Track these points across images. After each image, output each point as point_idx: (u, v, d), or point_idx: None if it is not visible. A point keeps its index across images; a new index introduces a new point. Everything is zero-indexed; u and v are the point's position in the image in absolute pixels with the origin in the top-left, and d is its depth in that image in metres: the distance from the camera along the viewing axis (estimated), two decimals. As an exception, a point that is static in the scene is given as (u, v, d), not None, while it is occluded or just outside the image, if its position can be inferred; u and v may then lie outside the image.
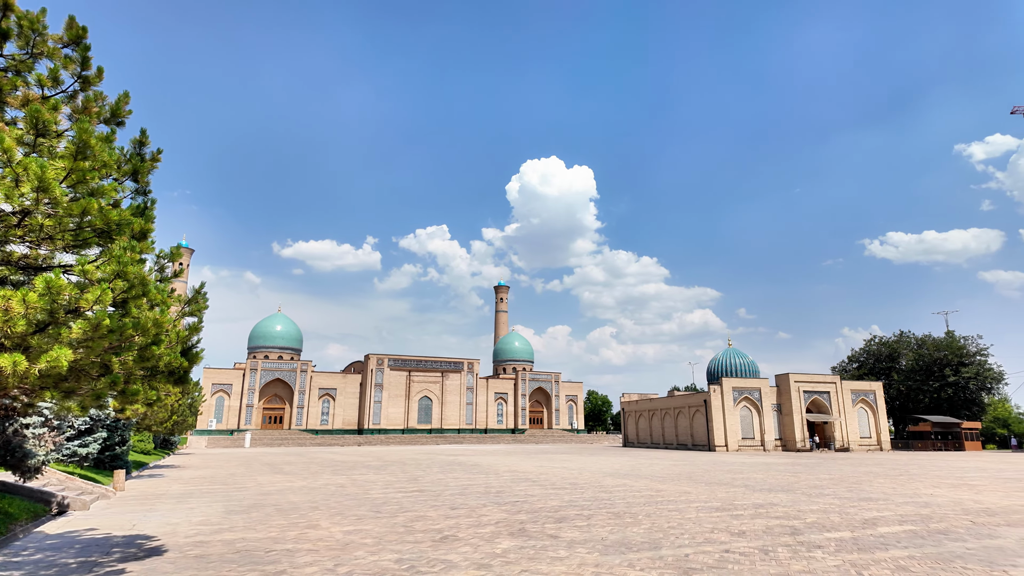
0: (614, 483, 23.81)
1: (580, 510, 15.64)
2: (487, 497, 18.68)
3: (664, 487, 22.25)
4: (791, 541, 11.41)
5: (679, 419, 70.49)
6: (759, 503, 17.44)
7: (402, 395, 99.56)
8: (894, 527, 13.10)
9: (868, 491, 20.85)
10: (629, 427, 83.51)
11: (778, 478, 26.60)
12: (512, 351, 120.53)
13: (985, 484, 23.64)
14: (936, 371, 77.19)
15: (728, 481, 24.88)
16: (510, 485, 22.73)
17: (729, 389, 63.34)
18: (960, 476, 27.58)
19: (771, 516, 14.75)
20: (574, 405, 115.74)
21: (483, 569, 8.94)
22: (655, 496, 19.16)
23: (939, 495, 19.58)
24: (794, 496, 19.34)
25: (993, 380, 75.63)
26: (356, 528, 12.65)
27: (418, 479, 25.46)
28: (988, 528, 13.02)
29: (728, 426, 62.24)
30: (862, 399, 67.04)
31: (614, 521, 13.77)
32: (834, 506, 16.76)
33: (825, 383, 66.08)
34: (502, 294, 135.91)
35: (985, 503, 17.47)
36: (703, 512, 15.43)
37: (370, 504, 16.79)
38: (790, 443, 63.07)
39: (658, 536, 11.88)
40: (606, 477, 26.75)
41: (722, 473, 29.41)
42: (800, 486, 22.79)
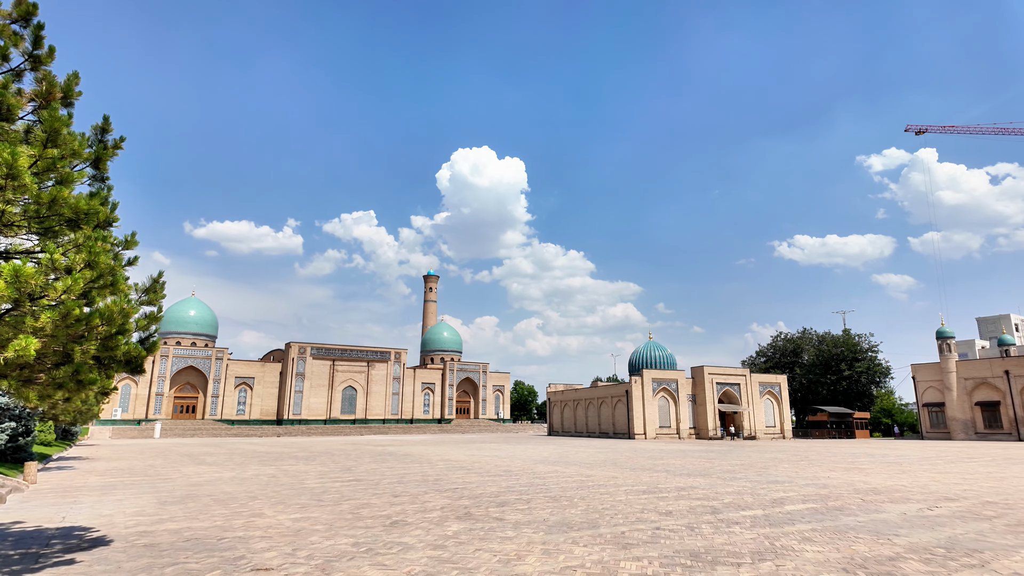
0: (546, 470, 24.82)
1: (519, 495, 16.40)
2: (426, 485, 19.11)
3: (593, 472, 23.47)
4: (712, 519, 12.62)
5: (602, 409, 73.19)
6: (681, 486, 18.87)
7: (325, 385, 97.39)
8: (799, 505, 14.68)
9: (775, 475, 22.91)
10: (554, 416, 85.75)
11: (695, 464, 28.57)
12: (441, 341, 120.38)
13: (872, 468, 26.45)
14: (833, 366, 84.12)
15: (650, 467, 26.50)
16: (446, 473, 23.24)
17: (649, 380, 66.42)
18: (851, 461, 30.59)
19: (692, 498, 16.08)
20: (501, 395, 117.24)
21: (439, 549, 9.45)
22: (586, 481, 20.25)
23: (835, 477, 21.83)
24: (711, 480, 20.99)
25: (881, 374, 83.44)
26: (303, 516, 12.80)
27: (352, 469, 25.47)
28: (875, 505, 14.84)
29: (647, 415, 65.32)
30: (768, 391, 72.11)
31: (552, 504, 14.62)
32: (746, 488, 18.41)
33: (736, 375, 70.54)
34: (431, 283, 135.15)
35: (872, 484, 19.70)
36: (632, 495, 16.58)
37: (310, 493, 16.84)
38: (703, 431, 67.00)
39: (595, 516, 12.79)
40: (537, 464, 27.78)
41: (644, 459, 31.19)
42: (715, 471, 24.65)
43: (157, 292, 8.79)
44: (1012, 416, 63.03)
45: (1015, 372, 63.35)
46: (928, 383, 70.24)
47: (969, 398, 66.64)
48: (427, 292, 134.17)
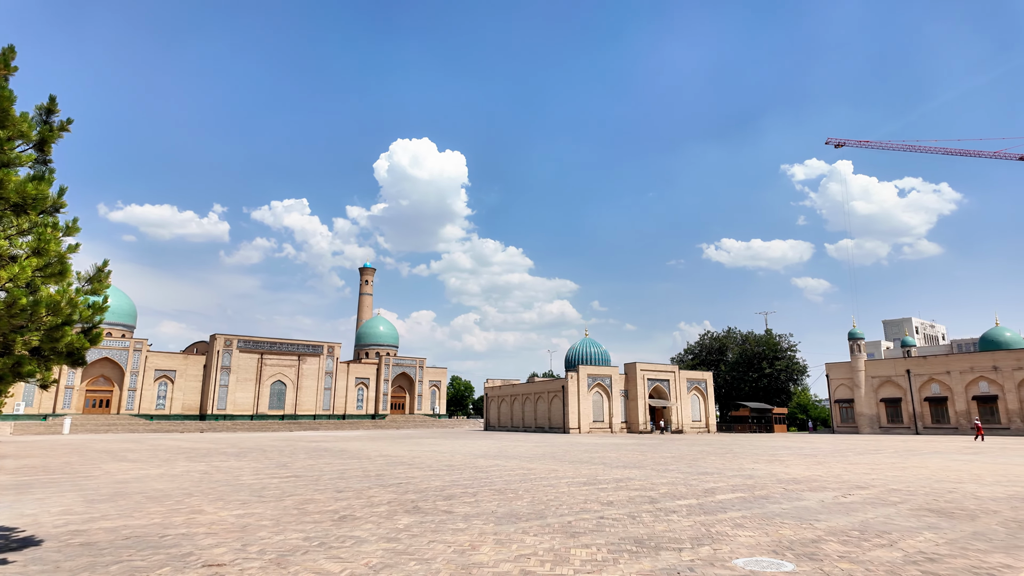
0: (488, 464, 25.13)
1: (465, 489, 16.61)
2: (369, 480, 19.00)
3: (534, 466, 23.97)
4: (651, 508, 13.28)
5: (538, 404, 74.30)
6: (619, 478, 19.62)
7: (252, 379, 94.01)
8: (729, 495, 15.63)
9: (704, 466, 24.15)
10: (491, 411, 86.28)
11: (629, 456, 29.64)
12: (376, 335, 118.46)
13: (791, 459, 28.29)
14: (755, 363, 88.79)
15: (588, 460, 27.30)
16: (388, 469, 23.13)
17: (584, 376, 67.99)
18: (772, 454, 32.57)
19: (631, 488, 16.80)
20: (437, 391, 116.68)
21: (393, 542, 9.55)
22: (528, 474, 20.69)
23: (759, 469, 23.26)
24: (646, 471, 21.91)
25: (799, 372, 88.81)
26: (247, 512, 12.53)
27: (287, 465, 24.90)
28: (796, 493, 15.99)
29: (582, 410, 66.88)
30: (695, 387, 75.32)
31: (498, 497, 14.92)
32: (680, 479, 19.37)
33: (666, 372, 73.29)
34: (367, 276, 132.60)
35: (792, 474, 21.14)
36: (573, 487, 17.13)
37: (249, 490, 16.42)
38: (634, 426, 69.27)
39: (541, 508, 13.19)
40: (479, 459, 28.04)
41: (581, 453, 32.06)
42: (649, 463, 25.71)
43: (102, 281, 8.42)
44: (912, 411, 68.61)
45: (915, 371, 68.95)
46: (840, 381, 75.38)
47: (875, 395, 72.02)
48: (363, 285, 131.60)
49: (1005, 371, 62.13)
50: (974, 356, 66.40)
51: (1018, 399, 61.01)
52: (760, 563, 8.30)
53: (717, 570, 7.89)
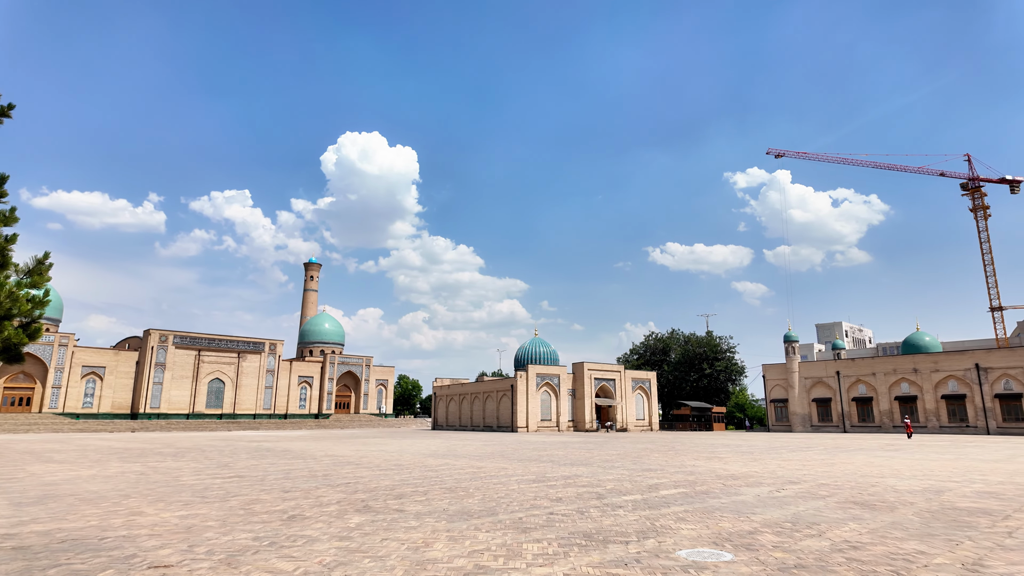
0: (437, 463, 25.14)
1: (415, 488, 16.63)
2: (316, 480, 18.73)
3: (483, 464, 24.15)
4: (599, 504, 13.69)
5: (487, 403, 74.50)
6: (567, 475, 20.04)
7: (189, 377, 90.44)
8: (671, 490, 16.25)
9: (648, 463, 24.92)
10: (439, 410, 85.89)
11: (576, 454, 30.22)
12: (321, 333, 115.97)
13: (729, 456, 29.48)
14: (697, 364, 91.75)
15: (536, 458, 27.69)
16: (335, 468, 22.83)
17: (533, 375, 68.66)
18: (712, 451, 33.84)
19: (579, 485, 17.21)
20: (384, 389, 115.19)
21: (346, 540, 9.54)
22: (478, 472, 20.85)
23: (699, 465, 24.18)
24: (592, 469, 22.44)
25: (737, 373, 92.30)
26: (190, 513, 12.19)
27: (230, 465, 24.20)
28: (734, 488, 16.77)
29: (530, 409, 67.50)
30: (640, 386, 77.23)
31: (449, 495, 15.03)
32: (625, 476, 19.95)
33: (612, 372, 74.81)
34: (312, 272, 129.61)
35: (730, 471, 22.09)
36: (523, 484, 17.40)
37: (190, 490, 15.93)
38: (580, 424, 70.42)
39: (492, 505, 13.39)
40: (428, 458, 27.99)
41: (529, 451, 32.45)
42: (595, 460, 26.30)
43: (43, 274, 8.09)
44: (840, 411, 72.47)
45: (844, 373, 72.85)
46: (775, 381, 78.83)
47: (808, 395, 75.68)
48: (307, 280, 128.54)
49: (924, 373, 66.49)
50: (897, 359, 70.75)
51: (935, 399, 65.40)
52: (702, 554, 8.75)
53: (662, 561, 8.28)
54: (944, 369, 65.35)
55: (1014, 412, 60.17)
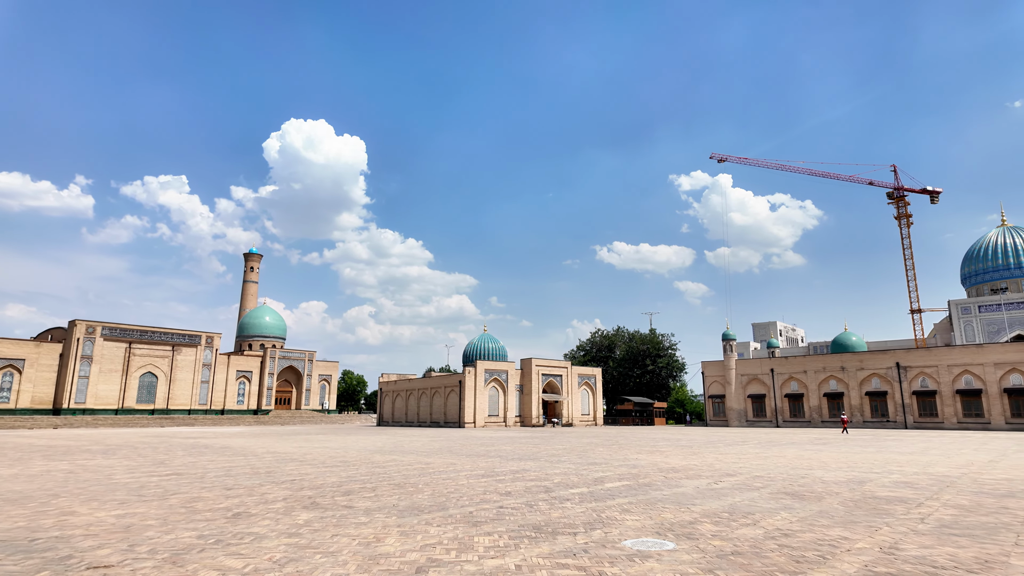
0: (384, 459, 24.96)
1: (362, 484, 16.51)
2: (259, 477, 18.32)
3: (431, 460, 24.15)
4: (547, 497, 13.99)
5: (434, 398, 74.20)
6: (515, 469, 20.31)
7: (118, 370, 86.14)
8: (616, 483, 16.75)
9: (593, 457, 25.52)
10: (385, 406, 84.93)
11: (524, 449, 30.60)
12: (262, 326, 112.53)
13: (670, 450, 30.53)
14: (640, 361, 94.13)
15: (484, 453, 27.89)
16: (278, 465, 22.35)
17: (482, 371, 68.83)
18: (653, 445, 34.91)
19: (527, 479, 17.50)
20: (327, 385, 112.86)
21: (295, 537, 9.44)
22: (426, 468, 20.86)
23: (642, 459, 24.95)
24: (540, 463, 22.82)
25: (678, 370, 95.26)
26: (127, 512, 11.74)
27: (166, 463, 23.31)
28: (675, 481, 17.44)
29: (478, 404, 67.67)
30: (585, 382, 78.60)
31: (399, 491, 15.01)
32: (572, 469, 20.39)
33: (559, 368, 75.85)
34: (253, 262, 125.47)
35: (671, 464, 22.91)
36: (472, 479, 17.55)
37: (125, 489, 15.30)
38: (527, 419, 71.12)
39: (442, 500, 13.48)
40: (374, 454, 27.74)
41: (477, 446, 32.62)
42: (542, 455, 26.72)
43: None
44: (774, 407, 75.90)
45: (778, 370, 76.29)
46: (713, 378, 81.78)
47: (744, 391, 78.88)
48: (247, 271, 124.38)
49: (850, 371, 70.47)
50: (826, 357, 74.67)
51: (860, 395, 69.45)
52: (646, 543, 9.14)
53: (609, 551, 8.60)
54: (869, 368, 69.45)
55: (929, 408, 64.61)
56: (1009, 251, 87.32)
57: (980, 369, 61.80)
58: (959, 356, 64.19)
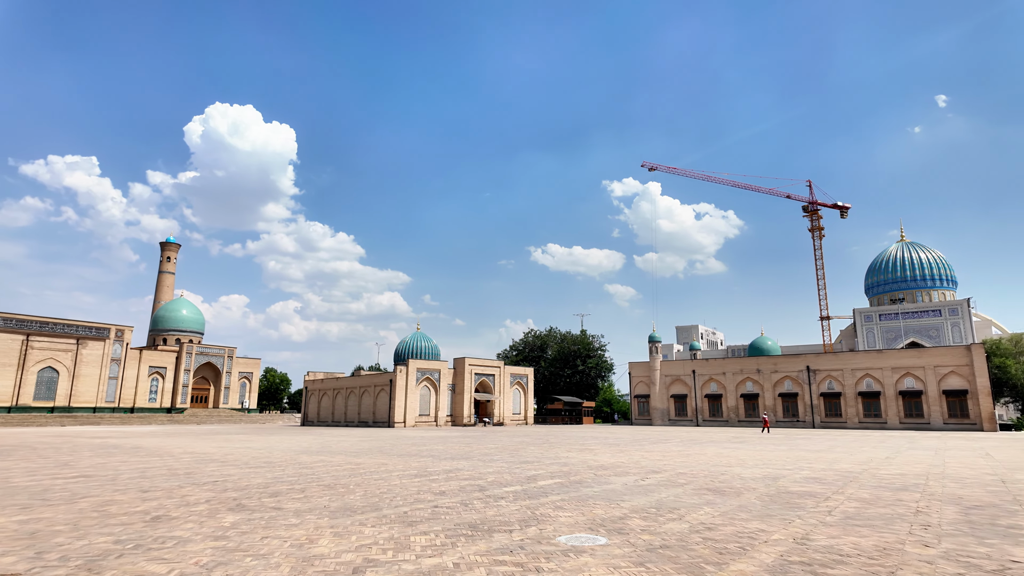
0: (311, 460, 24.30)
1: (290, 485, 16.03)
2: (178, 479, 17.43)
3: (361, 461, 23.72)
4: (481, 495, 14.09)
5: (363, 398, 72.71)
6: (448, 469, 20.29)
7: (13, 364, 79.48)
8: (548, 481, 17.07)
9: (526, 456, 25.84)
10: (311, 406, 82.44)
11: (456, 448, 30.57)
12: (178, 320, 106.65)
13: (599, 448, 31.34)
14: (571, 361, 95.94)
15: (416, 453, 27.66)
16: (198, 466, 21.32)
17: (414, 370, 68.09)
18: (583, 444, 35.71)
19: (461, 478, 17.53)
20: (248, 383, 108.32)
21: (222, 540, 9.08)
22: (357, 469, 20.48)
23: (573, 457, 25.49)
24: (473, 462, 22.88)
25: (606, 370, 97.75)
26: (32, 517, 10.90)
27: (72, 464, 21.75)
28: (605, 478, 17.96)
29: (409, 404, 66.89)
30: (518, 381, 79.29)
31: (329, 492, 14.69)
32: (505, 468, 20.59)
33: (492, 367, 76.13)
34: (169, 252, 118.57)
35: (600, 462, 23.54)
36: (405, 479, 17.40)
37: (27, 493, 14.18)
38: (459, 419, 70.96)
39: (375, 500, 13.31)
40: (300, 455, 26.94)
41: (408, 446, 32.29)
42: (475, 454, 26.80)
43: None
44: (695, 406, 79.20)
45: (699, 372, 79.67)
46: (639, 378, 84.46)
47: (667, 391, 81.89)
48: (163, 262, 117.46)
49: (765, 373, 74.61)
50: (743, 360, 78.72)
51: (773, 396, 73.64)
52: (579, 538, 9.40)
53: (544, 547, 8.80)
54: (782, 370, 73.76)
55: (834, 409, 69.37)
56: (907, 265, 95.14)
57: (879, 373, 66.94)
58: (861, 361, 69.28)
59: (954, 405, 62.11)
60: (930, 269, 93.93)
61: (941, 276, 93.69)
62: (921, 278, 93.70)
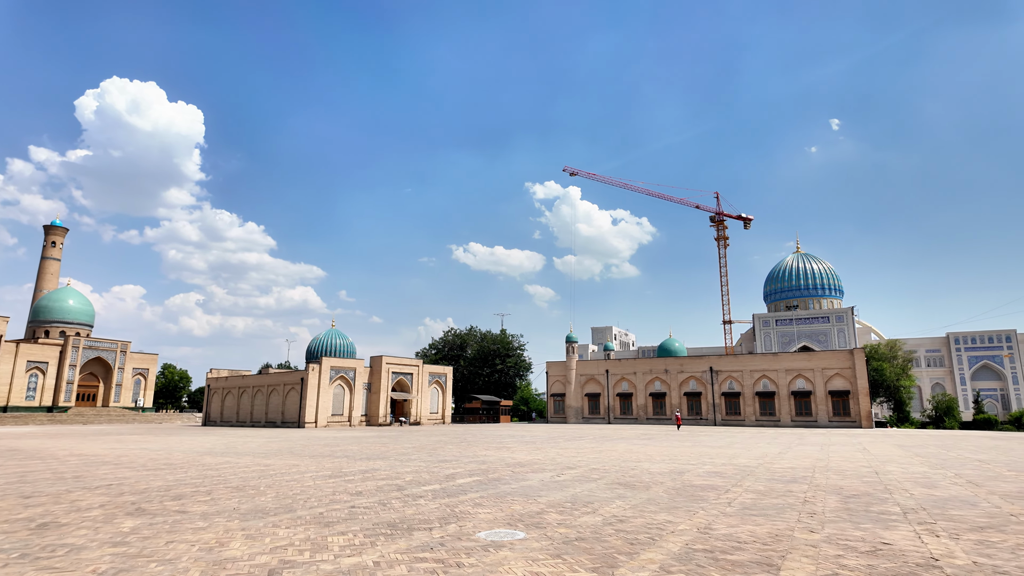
0: (216, 461, 23.12)
1: (194, 488, 15.23)
2: (65, 483, 16.11)
3: (271, 462, 22.84)
4: (399, 495, 14.01)
5: (271, 397, 69.75)
6: (364, 469, 19.95)
7: None
8: (467, 479, 17.20)
9: (444, 455, 25.83)
10: (214, 405, 78.09)
11: (372, 448, 30.04)
12: (63, 311, 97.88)
13: (515, 446, 31.82)
14: (490, 360, 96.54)
15: (329, 453, 26.95)
16: (88, 469, 19.76)
17: (328, 368, 66.08)
18: (500, 442, 36.11)
19: (378, 478, 17.32)
20: (143, 380, 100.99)
21: (121, 546, 8.54)
22: (266, 470, 19.72)
23: (490, 455, 25.76)
24: (390, 462, 22.62)
25: (524, 369, 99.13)
26: None
27: (-66, 469, 19.53)
28: (522, 475, 18.32)
29: (321, 403, 64.85)
30: (436, 380, 78.82)
31: (238, 494, 14.09)
32: (422, 467, 20.51)
33: (410, 366, 75.24)
34: (55, 237, 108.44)
35: (517, 459, 23.95)
36: (319, 480, 16.97)
37: None
38: (374, 418, 69.59)
39: (288, 502, 12.91)
40: (204, 456, 25.56)
41: (321, 447, 31.37)
42: (391, 454, 26.47)
43: None
44: (607, 404, 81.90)
45: (612, 371, 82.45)
46: (556, 377, 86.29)
47: (582, 390, 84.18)
48: (47, 247, 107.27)
49: (672, 374, 78.37)
50: (652, 361, 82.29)
51: (679, 395, 77.47)
52: (499, 534, 9.61)
53: (464, 543, 8.93)
54: (688, 371, 77.75)
55: (734, 407, 73.95)
56: (802, 274, 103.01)
57: (775, 374, 72.05)
58: (759, 363, 74.29)
59: (838, 404, 67.91)
60: (821, 279, 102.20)
61: (830, 286, 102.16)
62: (813, 287, 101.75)
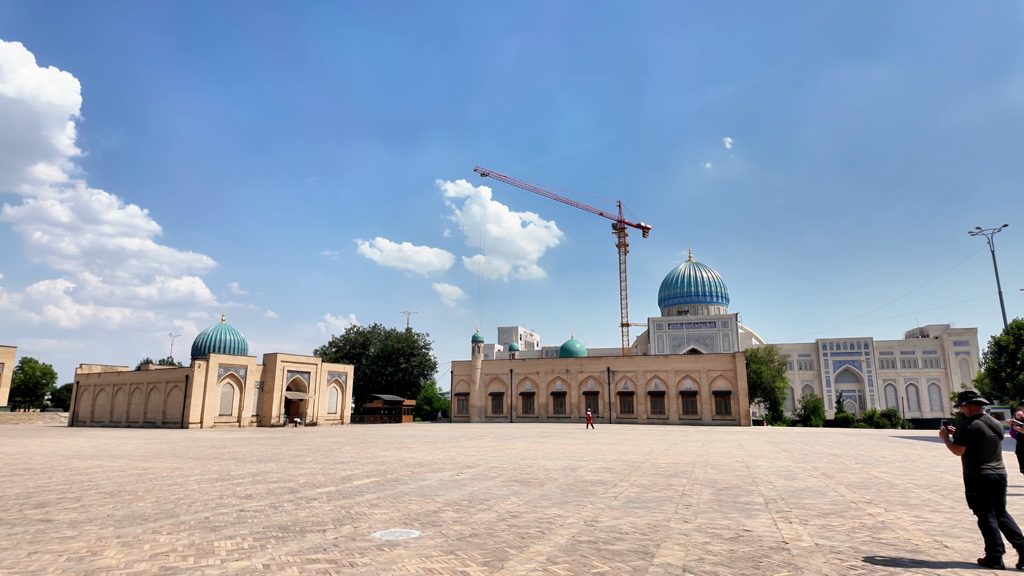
0: (86, 465, 21.33)
1: (61, 494, 14.05)
2: (-100, 493, 14.30)
3: (150, 465, 21.40)
4: (292, 498, 13.69)
5: (151, 395, 64.82)
6: (254, 472, 19.20)
7: None
8: (364, 480, 17.05)
9: (340, 456, 25.31)
10: (83, 404, 71.37)
11: (262, 450, 28.83)
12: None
13: (416, 446, 31.73)
14: (394, 359, 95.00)
15: (216, 456, 25.60)
16: (-72, 477, 17.59)
17: (215, 365, 62.38)
18: (400, 442, 35.82)
19: (269, 481, 16.76)
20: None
21: (-26, 561, 7.83)
22: (145, 474, 18.50)
23: (389, 455, 25.56)
24: (282, 464, 21.88)
25: (430, 368, 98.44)
26: None
27: None
28: (421, 475, 18.41)
29: (207, 403, 61.12)
30: (336, 380, 76.56)
31: (112, 500, 13.18)
32: (317, 469, 20.04)
33: (307, 364, 72.58)
34: None
35: (417, 459, 23.95)
36: (204, 484, 16.17)
37: None
38: (266, 419, 66.50)
39: (170, 507, 12.26)
40: (71, 459, 23.47)
41: (206, 449, 29.69)
42: (284, 456, 25.58)
43: None
44: (510, 404, 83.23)
45: (516, 371, 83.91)
46: (461, 377, 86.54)
47: (486, 389, 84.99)
48: None
49: (573, 374, 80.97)
50: (554, 361, 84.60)
51: (579, 395, 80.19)
52: (394, 533, 9.72)
53: (359, 543, 8.97)
54: (587, 371, 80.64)
55: (628, 406, 77.62)
56: (693, 282, 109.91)
57: (665, 375, 76.40)
58: (651, 364, 78.47)
59: (720, 404, 73.14)
60: (710, 287, 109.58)
61: (717, 293, 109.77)
62: (703, 294, 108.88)
